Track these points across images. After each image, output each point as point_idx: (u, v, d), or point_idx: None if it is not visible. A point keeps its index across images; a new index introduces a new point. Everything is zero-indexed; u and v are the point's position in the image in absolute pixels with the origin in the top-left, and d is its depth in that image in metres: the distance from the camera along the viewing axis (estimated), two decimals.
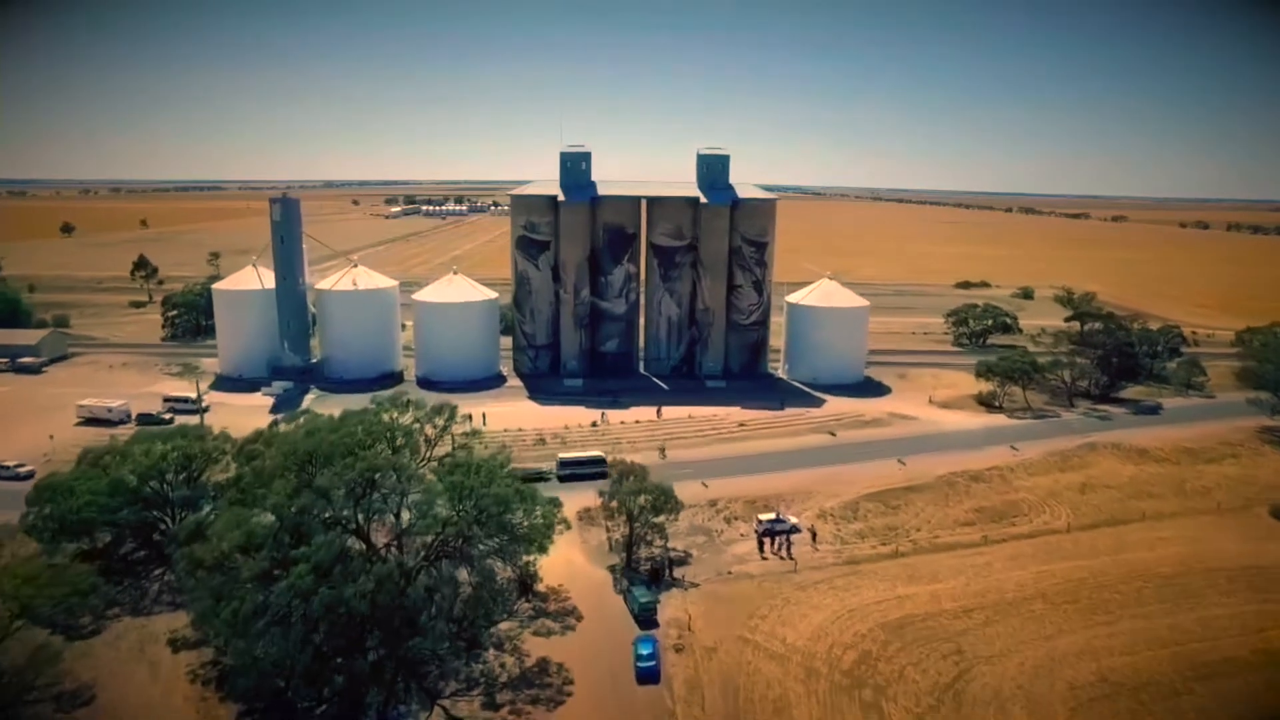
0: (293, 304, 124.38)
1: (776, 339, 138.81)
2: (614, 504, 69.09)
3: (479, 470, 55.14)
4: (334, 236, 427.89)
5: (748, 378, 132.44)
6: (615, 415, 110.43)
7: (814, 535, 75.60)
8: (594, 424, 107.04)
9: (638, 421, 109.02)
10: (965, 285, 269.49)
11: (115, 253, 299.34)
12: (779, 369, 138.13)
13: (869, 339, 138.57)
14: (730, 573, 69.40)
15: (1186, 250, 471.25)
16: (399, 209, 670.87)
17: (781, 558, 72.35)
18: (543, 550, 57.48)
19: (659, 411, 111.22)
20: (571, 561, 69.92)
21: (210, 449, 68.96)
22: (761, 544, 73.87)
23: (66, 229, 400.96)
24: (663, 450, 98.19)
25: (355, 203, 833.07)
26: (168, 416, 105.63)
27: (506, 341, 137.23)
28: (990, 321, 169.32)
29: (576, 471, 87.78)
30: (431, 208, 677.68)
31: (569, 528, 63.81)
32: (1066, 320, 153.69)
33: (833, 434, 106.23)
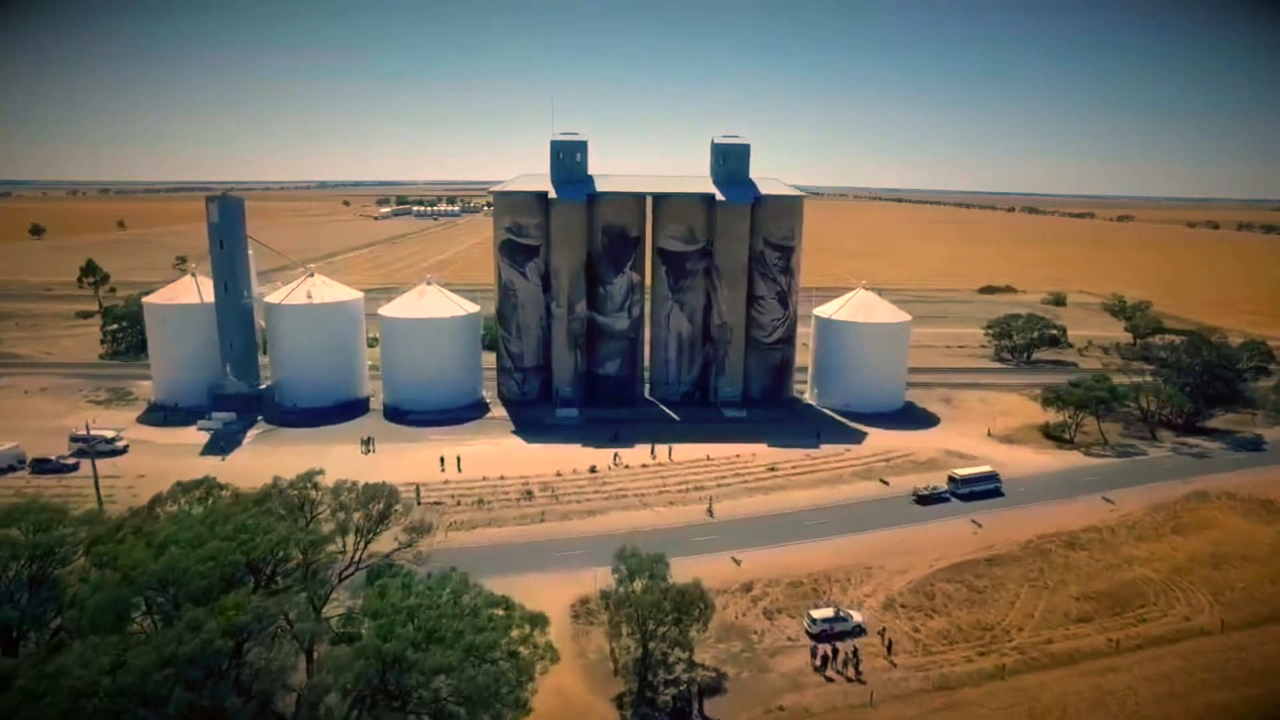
0: (236, 320, 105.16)
1: (799, 356, 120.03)
2: (621, 614, 50.15)
3: (412, 618, 35.89)
4: (318, 239, 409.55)
5: (770, 405, 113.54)
6: (625, 455, 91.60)
7: (889, 645, 56.54)
8: (593, 469, 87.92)
9: (644, 466, 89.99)
10: (990, 290, 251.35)
11: (79, 256, 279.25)
12: (805, 394, 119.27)
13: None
14: (782, 708, 50.36)
15: (1205, 250, 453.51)
16: (389, 210, 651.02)
17: (849, 678, 53.41)
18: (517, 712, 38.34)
19: (655, 451, 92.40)
20: (563, 689, 50.87)
21: (57, 541, 49.50)
22: (821, 657, 54.79)
23: (36, 230, 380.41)
24: (710, 507, 79.55)
25: (346, 203, 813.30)
26: (71, 461, 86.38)
27: (492, 358, 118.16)
28: (1036, 334, 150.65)
29: (975, 489, 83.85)
30: (422, 208, 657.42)
31: (557, 659, 44.74)
32: (1145, 335, 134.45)
33: (885, 482, 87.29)
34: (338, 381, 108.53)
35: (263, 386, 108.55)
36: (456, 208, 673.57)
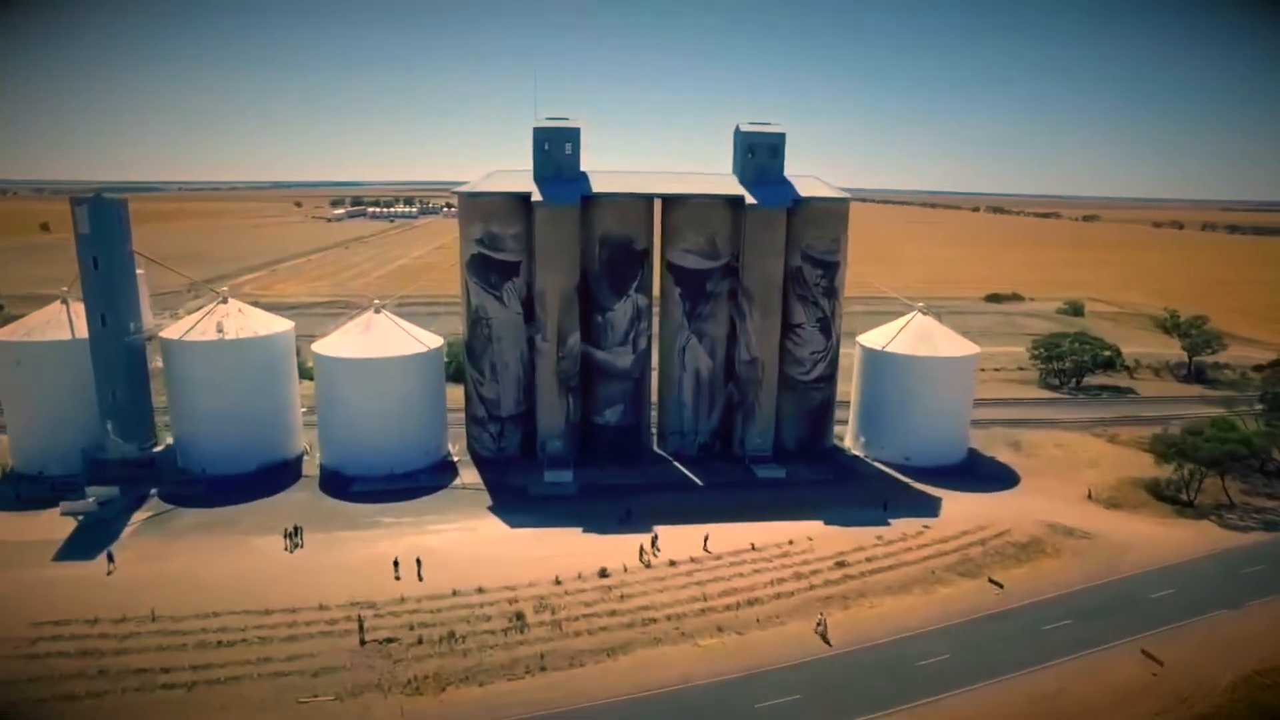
0: (119, 361, 79.77)
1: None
2: None
3: None
4: (265, 243, 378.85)
5: (810, 458, 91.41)
6: (647, 541, 68.28)
7: None
8: (603, 573, 64.50)
9: (673, 564, 66.83)
10: (997, 299, 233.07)
11: None
12: (846, 441, 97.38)
13: None
14: None
15: (1188, 252, 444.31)
16: (343, 211, 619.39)
17: None
18: None
19: (657, 544, 69.07)
20: None
21: None
22: None
23: None
24: (823, 626, 57.23)
25: (298, 204, 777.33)
26: None
27: (458, 392, 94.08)
28: (1089, 357, 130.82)
29: None
30: (378, 209, 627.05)
31: None
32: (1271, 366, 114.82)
33: (998, 584, 65.27)
34: (259, 439, 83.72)
35: (158, 448, 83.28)
36: (414, 209, 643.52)
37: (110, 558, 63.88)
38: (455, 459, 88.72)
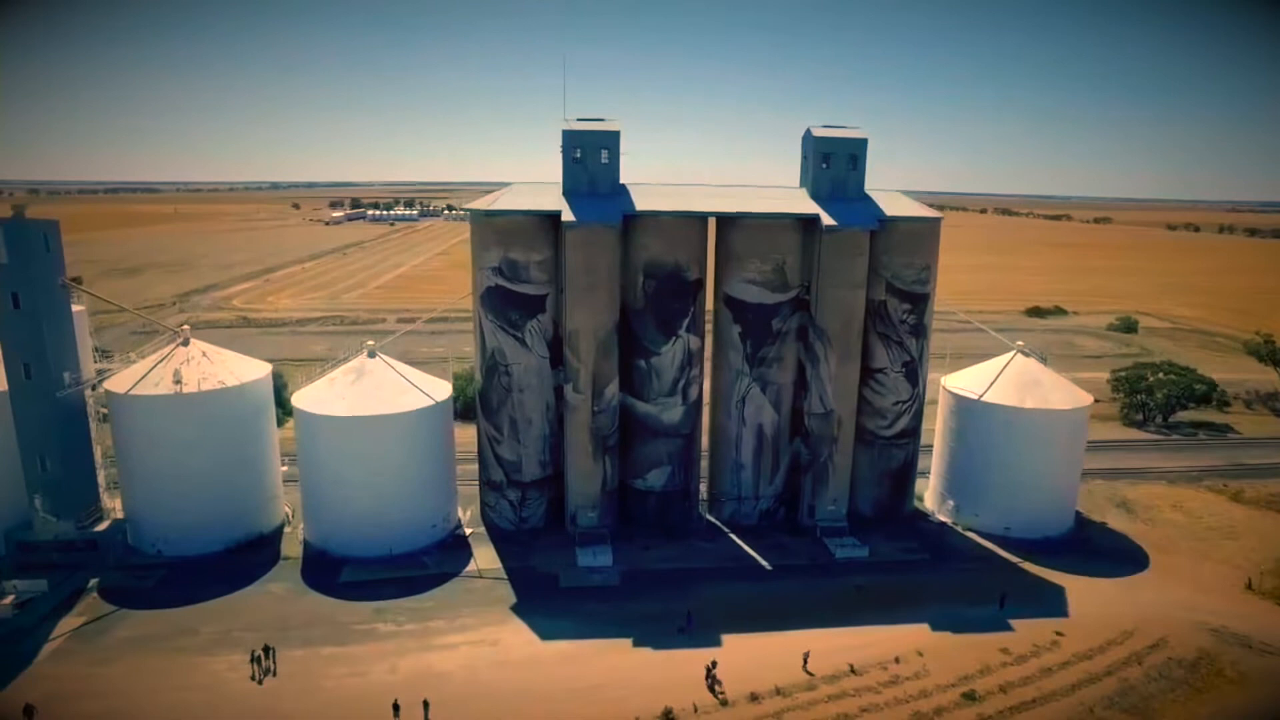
0: (50, 421, 64.39)
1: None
2: None
3: None
4: (258, 248, 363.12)
5: (890, 526, 76.16)
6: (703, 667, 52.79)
7: None
8: (667, 715, 49.10)
9: (754, 698, 51.44)
10: (1039, 313, 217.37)
11: None
12: (928, 502, 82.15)
13: None
14: None
15: (1213, 257, 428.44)
16: (341, 214, 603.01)
17: None
18: None
19: (716, 676, 52.79)
20: None
21: None
22: None
23: None
24: None
25: (295, 206, 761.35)
26: None
27: (468, 435, 78.80)
28: (1181, 391, 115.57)
29: None
30: (378, 212, 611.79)
31: None
32: None
33: None
34: (228, 512, 68.38)
35: (102, 525, 67.81)
36: (415, 211, 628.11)
37: (29, 713, 48.00)
38: (467, 532, 73.30)
